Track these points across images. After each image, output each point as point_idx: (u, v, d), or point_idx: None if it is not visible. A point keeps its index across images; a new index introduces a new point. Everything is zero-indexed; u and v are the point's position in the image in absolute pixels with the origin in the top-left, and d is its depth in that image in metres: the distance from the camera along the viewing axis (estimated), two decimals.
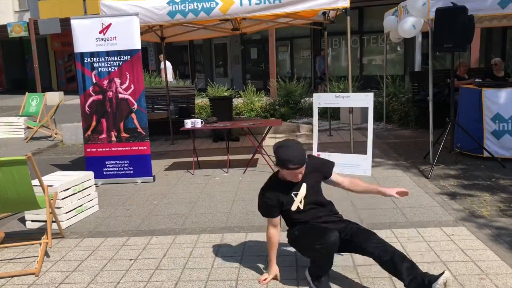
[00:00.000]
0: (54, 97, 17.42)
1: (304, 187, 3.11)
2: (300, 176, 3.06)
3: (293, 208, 3.10)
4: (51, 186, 4.34)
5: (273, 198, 3.10)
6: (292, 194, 3.11)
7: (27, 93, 11.55)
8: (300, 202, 3.10)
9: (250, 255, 3.69)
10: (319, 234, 2.93)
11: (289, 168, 2.96)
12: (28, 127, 10.83)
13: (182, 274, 3.42)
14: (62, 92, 18.93)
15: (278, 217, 3.18)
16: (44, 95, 11.39)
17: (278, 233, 3.18)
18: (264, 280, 3.19)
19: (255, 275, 3.34)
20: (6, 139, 10.56)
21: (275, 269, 3.23)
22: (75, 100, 19.44)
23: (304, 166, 3.00)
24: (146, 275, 3.45)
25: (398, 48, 16.14)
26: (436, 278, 2.67)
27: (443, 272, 2.69)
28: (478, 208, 4.51)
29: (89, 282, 3.38)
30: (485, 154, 6.19)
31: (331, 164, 3.31)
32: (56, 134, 10.32)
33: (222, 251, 3.80)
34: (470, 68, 9.69)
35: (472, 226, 4.07)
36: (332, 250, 2.92)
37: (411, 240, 3.83)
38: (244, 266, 3.49)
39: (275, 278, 3.21)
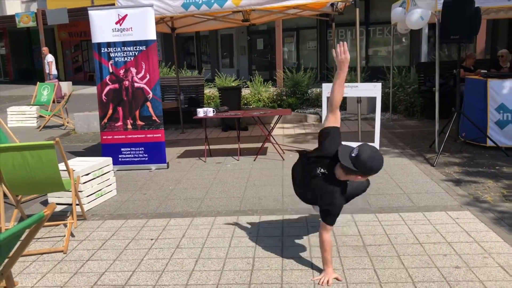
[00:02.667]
0: (63, 87, 17.60)
1: None
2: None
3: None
4: (74, 170, 4.55)
5: (340, 200, 3.09)
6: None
7: (38, 82, 11.76)
8: None
9: (265, 236, 3.89)
10: None
11: (367, 176, 3.01)
12: (40, 116, 11.05)
13: (201, 252, 3.63)
14: (71, 82, 19.09)
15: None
16: (55, 84, 11.59)
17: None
18: (327, 282, 3.07)
19: (270, 254, 3.55)
20: (19, 127, 10.79)
21: (332, 271, 3.15)
22: (83, 90, 19.66)
23: None
24: (168, 253, 3.66)
25: (404, 40, 16.22)
26: None
27: None
28: (482, 194, 4.70)
29: (114, 259, 3.60)
30: (489, 143, 6.37)
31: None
32: (68, 123, 10.54)
33: (237, 232, 4.01)
34: (476, 59, 9.80)
35: (476, 210, 4.26)
36: None
37: (418, 223, 4.03)
38: (259, 246, 3.70)
39: (336, 278, 3.12)
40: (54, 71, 15.79)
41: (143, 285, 3.15)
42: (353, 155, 2.94)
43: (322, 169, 3.14)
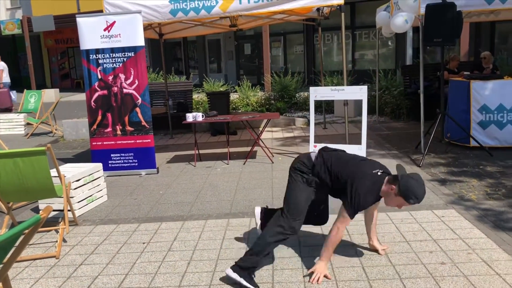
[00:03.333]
0: (50, 94, 17.56)
1: None
2: None
3: None
4: (65, 176, 4.57)
5: (371, 202, 3.10)
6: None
7: (25, 90, 11.71)
8: None
9: (256, 237, 3.94)
10: None
11: (408, 203, 2.97)
12: (28, 123, 11.00)
13: (193, 254, 3.69)
14: (58, 89, 19.02)
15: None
16: (42, 91, 11.56)
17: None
18: (317, 280, 3.11)
19: None
20: (6, 135, 10.73)
21: (326, 267, 3.21)
22: (70, 97, 19.58)
23: None
24: (160, 256, 3.71)
25: (390, 43, 16.46)
26: None
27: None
28: (467, 193, 4.82)
29: (107, 263, 3.63)
30: (473, 143, 6.52)
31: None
32: (56, 130, 10.51)
33: (228, 234, 4.07)
34: (460, 61, 10.01)
35: (461, 208, 4.37)
36: None
37: (404, 221, 4.13)
38: (250, 246, 3.76)
39: (326, 276, 3.17)
40: (5, 79, 15.56)
41: None
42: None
43: (380, 171, 3.12)
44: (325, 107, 9.75)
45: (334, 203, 3.69)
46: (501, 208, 4.32)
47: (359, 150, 6.22)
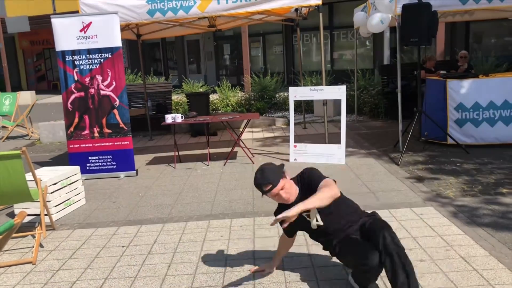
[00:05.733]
0: (26, 96, 17.19)
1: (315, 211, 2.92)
2: (285, 196, 2.90)
3: (314, 226, 2.93)
4: (41, 180, 4.48)
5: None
6: (304, 215, 2.93)
7: None
8: (316, 219, 2.91)
9: (237, 238, 3.94)
10: (361, 254, 2.70)
11: (264, 193, 2.87)
12: (3, 127, 10.75)
13: (174, 257, 3.65)
14: (34, 91, 18.65)
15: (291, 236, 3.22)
16: (17, 94, 11.32)
17: (291, 243, 3.28)
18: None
19: (242, 255, 3.60)
20: None
21: (270, 266, 3.26)
22: (46, 99, 19.23)
23: (279, 184, 2.85)
24: (140, 259, 3.66)
25: (368, 43, 16.62)
26: None
27: None
28: (444, 190, 4.89)
29: (85, 268, 3.57)
30: (450, 141, 6.62)
31: (317, 182, 2.93)
32: (32, 133, 10.31)
33: (209, 236, 4.05)
34: (437, 61, 10.17)
35: (439, 205, 4.43)
36: (377, 272, 2.74)
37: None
38: (231, 248, 3.75)
39: (261, 270, 3.24)
40: None
41: None
42: None
43: None
44: (304, 107, 9.79)
45: None
46: (477, 205, 4.39)
47: (338, 149, 6.26)
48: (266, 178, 2.85)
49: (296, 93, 6.55)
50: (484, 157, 6.11)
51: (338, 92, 6.28)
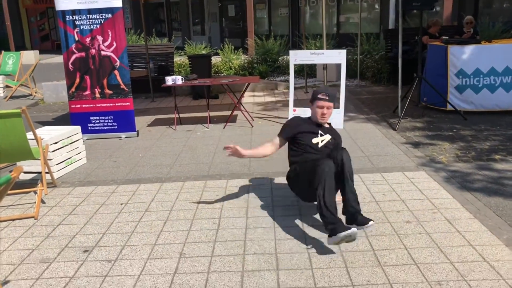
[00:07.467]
0: (29, 56, 17.14)
1: (328, 136, 3.64)
2: (326, 116, 3.60)
3: (314, 141, 3.57)
4: (42, 139, 4.59)
5: (295, 123, 3.67)
6: (319, 131, 3.62)
7: (3, 51, 11.45)
8: (322, 141, 3.59)
9: (231, 198, 4.07)
10: (316, 162, 3.29)
11: (318, 99, 3.55)
12: (7, 86, 10.83)
13: (170, 214, 3.79)
14: (38, 51, 18.60)
15: (279, 141, 3.69)
16: (20, 53, 11.32)
17: (270, 149, 3.69)
18: (231, 149, 3.50)
19: (235, 214, 3.73)
20: None
21: (243, 150, 3.53)
22: (50, 59, 19.21)
23: (332, 105, 3.60)
24: (137, 216, 3.81)
25: (377, 6, 16.32)
26: (342, 229, 2.91)
27: (349, 228, 2.92)
28: (438, 155, 4.97)
29: (85, 223, 3.72)
30: (449, 107, 6.65)
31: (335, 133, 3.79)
32: (36, 92, 10.39)
33: (205, 195, 4.17)
34: (442, 26, 10.02)
35: (431, 170, 4.52)
36: (330, 167, 3.15)
37: (376, 183, 4.26)
38: (226, 207, 3.88)
39: (234, 149, 3.49)
40: None
41: (112, 246, 3.30)
42: None
43: None
44: (307, 71, 9.76)
45: None
46: (469, 170, 4.48)
47: (337, 113, 6.31)
48: (336, 99, 3.59)
49: (297, 57, 6.55)
50: (481, 124, 6.15)
51: (338, 56, 6.28)
